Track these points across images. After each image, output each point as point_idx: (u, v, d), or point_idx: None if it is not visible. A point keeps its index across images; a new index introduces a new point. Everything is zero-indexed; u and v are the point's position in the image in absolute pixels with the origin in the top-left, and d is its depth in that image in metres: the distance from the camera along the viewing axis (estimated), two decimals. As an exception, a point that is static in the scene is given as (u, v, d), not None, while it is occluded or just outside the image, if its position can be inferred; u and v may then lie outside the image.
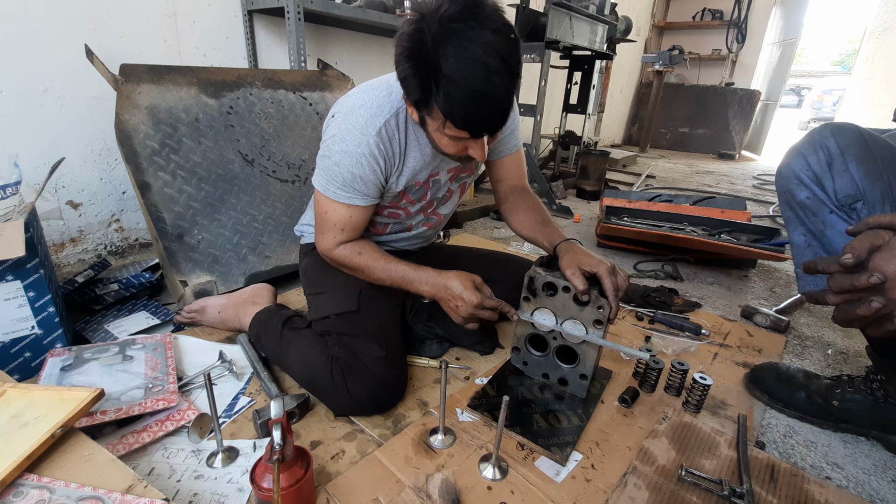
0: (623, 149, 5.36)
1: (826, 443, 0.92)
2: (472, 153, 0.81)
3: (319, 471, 0.78)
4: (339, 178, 0.89)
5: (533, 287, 0.92)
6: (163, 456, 0.79)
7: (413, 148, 0.92)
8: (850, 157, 0.81)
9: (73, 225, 1.65)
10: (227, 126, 1.50)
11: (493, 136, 0.79)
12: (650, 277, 1.72)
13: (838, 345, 1.31)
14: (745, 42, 5.44)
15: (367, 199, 0.92)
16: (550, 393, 0.98)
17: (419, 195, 1.02)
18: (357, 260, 0.95)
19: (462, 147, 0.81)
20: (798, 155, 0.88)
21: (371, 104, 0.87)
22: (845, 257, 0.59)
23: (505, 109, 0.73)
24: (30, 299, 0.95)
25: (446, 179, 1.03)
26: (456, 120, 0.73)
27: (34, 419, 0.66)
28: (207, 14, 1.80)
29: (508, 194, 1.13)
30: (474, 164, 1.07)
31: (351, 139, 0.86)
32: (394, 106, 0.88)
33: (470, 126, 0.74)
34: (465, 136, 0.76)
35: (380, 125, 0.86)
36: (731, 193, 3.32)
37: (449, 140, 0.79)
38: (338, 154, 0.88)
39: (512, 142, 1.08)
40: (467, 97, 0.69)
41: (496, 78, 0.68)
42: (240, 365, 1.05)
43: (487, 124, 0.74)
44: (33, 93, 1.46)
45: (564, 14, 2.45)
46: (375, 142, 0.86)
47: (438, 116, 0.74)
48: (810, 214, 0.87)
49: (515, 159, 1.11)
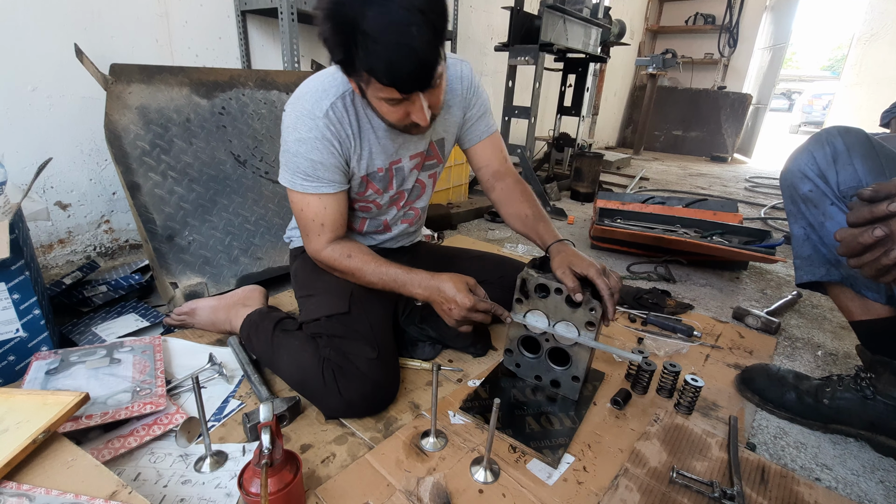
0: (617, 151, 5.39)
1: (816, 444, 0.93)
2: (414, 118, 0.80)
3: (309, 475, 0.77)
4: (301, 168, 0.90)
5: (525, 289, 0.92)
6: (150, 461, 0.77)
7: (367, 130, 0.93)
8: (855, 153, 0.84)
9: (62, 226, 1.62)
10: (219, 127, 1.48)
11: (427, 92, 0.77)
12: (643, 279, 1.72)
13: (828, 346, 1.32)
14: (737, 46, 5.50)
15: (335, 186, 0.93)
16: (543, 395, 0.98)
17: (384, 183, 1.01)
18: (347, 263, 0.94)
19: (404, 112, 0.80)
20: (804, 151, 0.91)
21: (316, 89, 0.89)
22: (864, 189, 0.59)
23: (427, 62, 0.71)
24: (14, 301, 0.94)
25: (411, 167, 1.03)
26: (379, 76, 0.71)
27: (15, 424, 0.64)
28: (200, 14, 1.79)
29: (494, 182, 1.12)
30: (440, 151, 1.07)
31: (302, 126, 0.87)
32: (339, 89, 0.89)
33: (395, 81, 0.72)
34: (396, 95, 0.75)
35: (326, 107, 0.87)
36: (724, 196, 3.35)
37: (388, 106, 0.79)
38: (293, 144, 0.89)
39: (482, 126, 1.08)
40: (385, 50, 0.68)
41: (414, 29, 0.68)
42: (230, 367, 1.04)
43: (412, 78, 0.73)
44: (21, 92, 1.44)
45: (558, 17, 2.47)
46: (325, 124, 0.87)
47: (367, 80, 0.74)
48: (811, 206, 0.90)
49: (491, 143, 1.11)
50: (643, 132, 5.33)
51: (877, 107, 2.02)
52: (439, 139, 1.05)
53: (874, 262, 0.60)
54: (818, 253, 0.93)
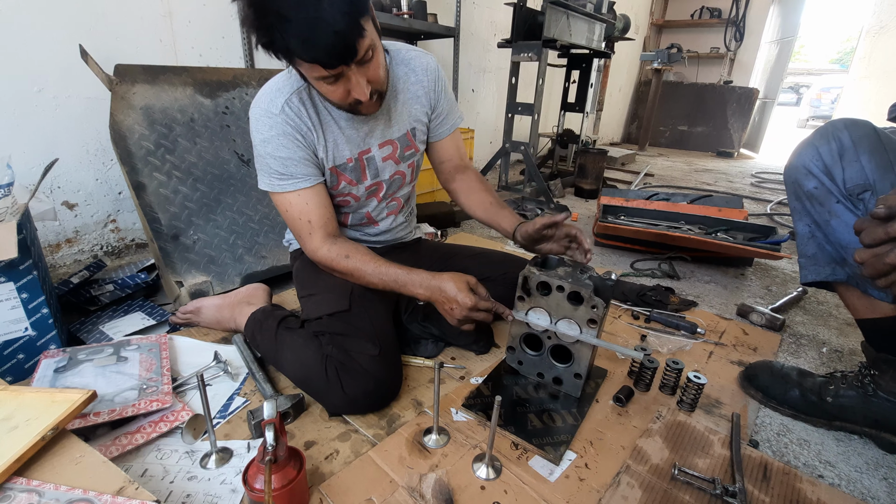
0: (622, 147, 5.36)
1: (819, 441, 0.93)
2: (354, 94, 0.82)
3: (313, 471, 0.78)
4: (273, 168, 0.92)
5: (527, 286, 0.92)
6: (156, 457, 0.79)
7: (328, 122, 0.95)
8: (862, 149, 0.82)
9: (69, 225, 1.64)
10: (223, 126, 1.49)
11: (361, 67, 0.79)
12: (647, 276, 1.72)
13: (833, 343, 1.31)
14: (744, 40, 5.44)
15: (310, 179, 0.94)
16: (545, 392, 0.98)
17: (356, 174, 1.02)
18: (345, 263, 0.95)
19: (344, 91, 0.81)
20: (810, 146, 0.88)
21: (271, 89, 0.92)
22: (878, 209, 0.59)
23: (343, 32, 0.71)
24: (23, 301, 0.95)
25: (383, 156, 1.04)
26: (299, 53, 0.73)
27: (24, 422, 0.65)
28: (203, 14, 1.79)
29: (454, 173, 1.18)
30: (417, 141, 1.09)
31: (262, 126, 0.90)
32: (293, 86, 0.91)
33: (314, 56, 0.73)
34: (323, 72, 0.76)
35: (281, 104, 0.89)
36: (730, 191, 3.32)
37: (326, 85, 0.80)
38: (260, 146, 0.92)
39: (448, 123, 1.12)
40: (298, 27, 0.69)
41: (325, 3, 0.68)
42: (235, 365, 1.05)
43: (331, 51, 0.73)
44: (27, 93, 1.46)
45: (562, 13, 2.45)
46: (283, 119, 0.89)
47: (295, 63, 0.76)
48: (816, 204, 0.88)
49: (454, 140, 1.16)
50: (648, 128, 5.29)
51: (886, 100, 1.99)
52: (412, 128, 1.07)
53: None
54: (823, 251, 0.92)
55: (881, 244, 0.59)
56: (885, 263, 0.58)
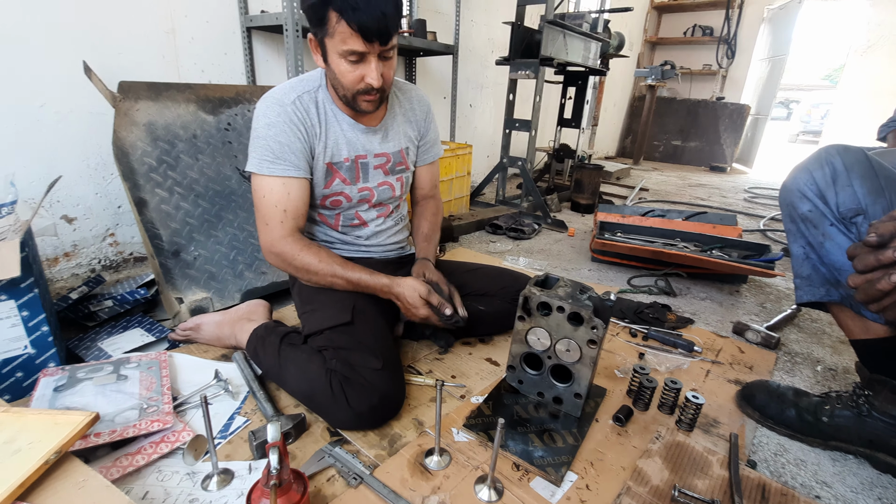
0: (617, 161, 5.42)
1: (816, 461, 0.94)
2: (368, 79, 0.92)
3: (315, 493, 0.78)
4: (269, 150, 0.97)
5: (528, 306, 0.93)
6: (157, 479, 0.78)
7: (332, 122, 1.04)
8: (854, 174, 0.85)
9: (68, 239, 1.64)
10: (225, 142, 1.51)
11: (381, 59, 0.91)
12: (644, 292, 1.74)
13: (827, 361, 1.33)
14: (735, 58, 5.55)
15: (300, 171, 1.00)
16: (545, 411, 0.99)
17: (351, 174, 1.09)
18: (302, 257, 1.00)
19: (359, 75, 0.92)
20: (804, 171, 0.92)
21: (283, 87, 1.02)
22: (869, 237, 0.60)
23: (389, 17, 0.85)
24: (23, 319, 0.95)
25: (375, 165, 1.11)
26: (350, 15, 0.83)
27: (27, 445, 0.65)
28: (206, 31, 1.82)
29: (420, 200, 1.31)
30: (409, 160, 1.18)
31: (271, 112, 0.98)
32: (306, 87, 1.02)
33: (362, 22, 0.83)
34: (358, 46, 0.86)
35: (293, 97, 0.99)
36: (723, 207, 3.37)
37: (346, 64, 0.90)
38: (263, 129, 0.98)
39: (431, 153, 1.26)
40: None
41: None
42: (235, 384, 1.05)
43: (376, 26, 0.84)
44: (30, 108, 1.47)
45: (558, 32, 2.50)
46: (293, 109, 0.98)
47: (334, 30, 0.86)
48: (811, 227, 0.91)
49: (432, 169, 1.29)
50: (642, 142, 5.37)
51: (873, 120, 2.04)
52: (406, 147, 1.17)
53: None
54: (817, 272, 0.94)
55: (873, 270, 0.61)
56: (876, 290, 0.60)
